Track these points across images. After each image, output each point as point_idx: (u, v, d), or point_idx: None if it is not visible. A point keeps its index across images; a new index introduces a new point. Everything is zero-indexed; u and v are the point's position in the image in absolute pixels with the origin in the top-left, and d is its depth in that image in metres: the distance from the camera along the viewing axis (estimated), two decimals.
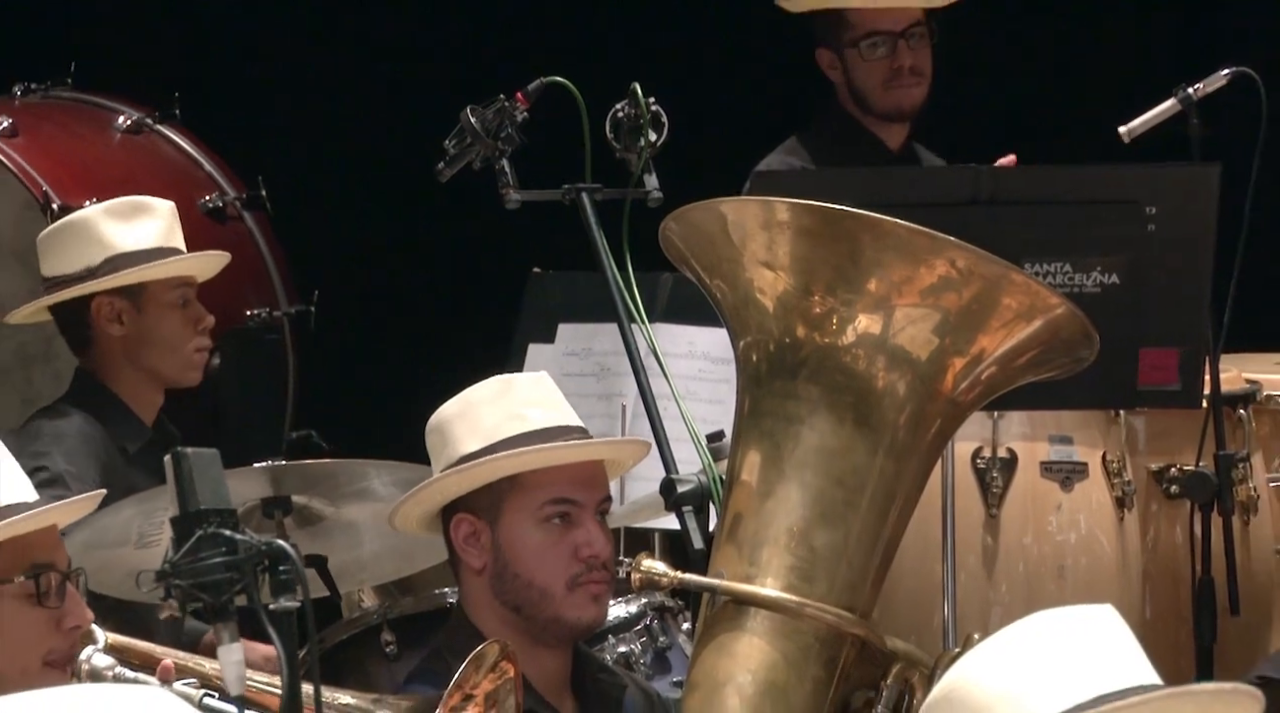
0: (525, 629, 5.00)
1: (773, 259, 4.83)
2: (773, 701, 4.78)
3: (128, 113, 8.46)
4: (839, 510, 4.81)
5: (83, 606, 4.52)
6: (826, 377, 4.82)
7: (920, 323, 4.79)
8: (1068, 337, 4.82)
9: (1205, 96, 6.40)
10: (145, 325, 6.57)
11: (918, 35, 7.31)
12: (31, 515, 4.47)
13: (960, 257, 4.76)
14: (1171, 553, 6.40)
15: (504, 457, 4.99)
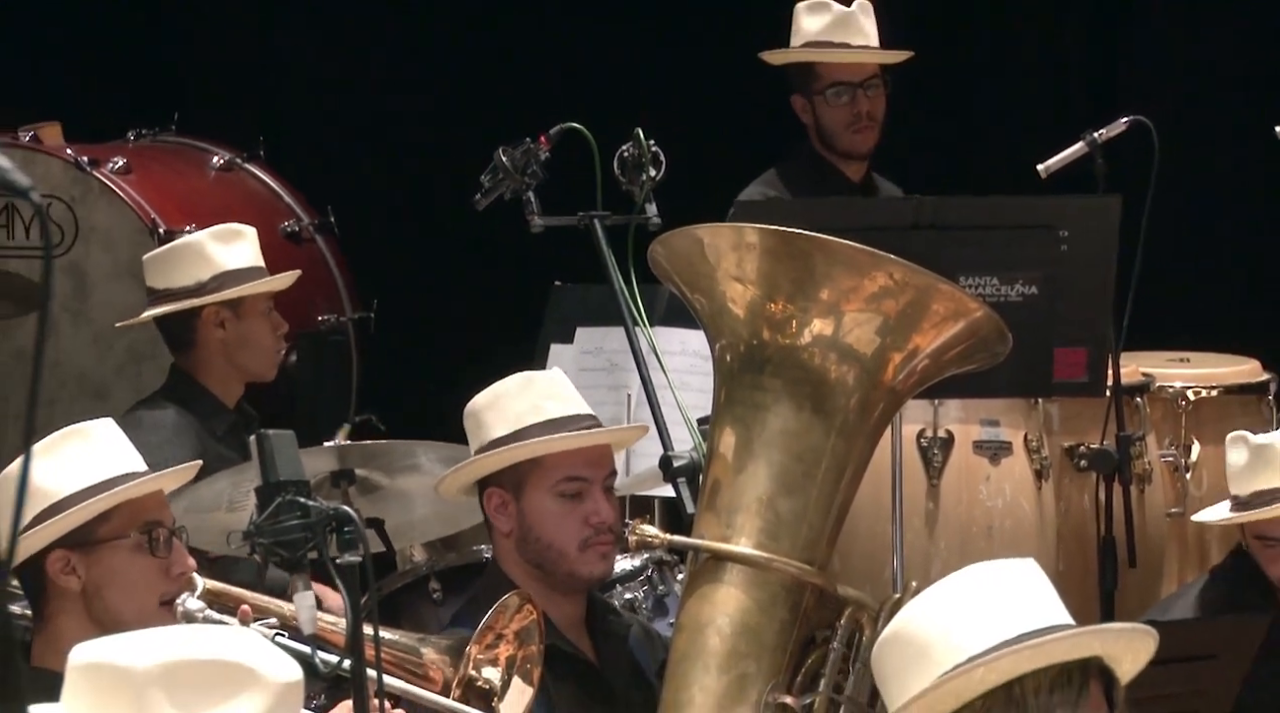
0: (545, 581, 5.00)
1: (742, 274, 4.85)
2: (746, 639, 4.79)
3: (221, 153, 8.43)
4: (799, 482, 4.83)
5: (186, 555, 4.53)
6: (787, 371, 4.84)
7: (865, 325, 4.81)
8: (986, 335, 4.84)
9: (1108, 139, 6.41)
10: (242, 331, 6.57)
11: (874, 86, 7.32)
12: (142, 481, 4.49)
13: (896, 270, 4.78)
14: (1080, 516, 6.38)
15: (527, 443, 4.99)
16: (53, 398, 7.70)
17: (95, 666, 2.89)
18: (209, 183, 8.36)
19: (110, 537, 4.45)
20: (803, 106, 7.41)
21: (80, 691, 2.88)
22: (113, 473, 4.48)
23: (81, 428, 4.57)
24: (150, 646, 2.90)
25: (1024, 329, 5.09)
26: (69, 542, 4.45)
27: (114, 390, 7.74)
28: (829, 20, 7.28)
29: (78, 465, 4.47)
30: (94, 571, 4.46)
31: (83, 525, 4.44)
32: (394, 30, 9.38)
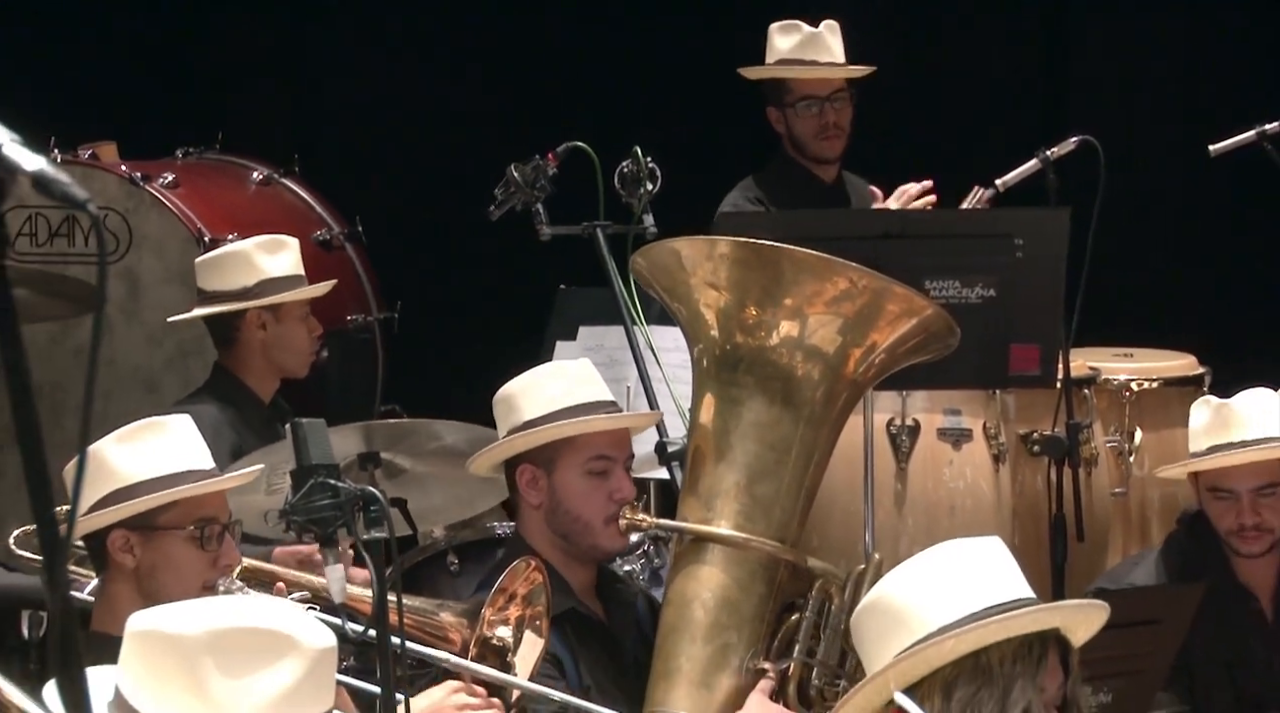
0: (568, 551, 4.97)
1: (716, 281, 4.86)
2: (728, 612, 4.80)
3: (260, 169, 8.43)
4: (772, 468, 4.84)
5: (234, 550, 4.51)
6: (759, 369, 4.85)
7: (827, 326, 4.82)
8: (936, 330, 4.85)
9: (1059, 157, 6.41)
10: (280, 333, 6.56)
11: (840, 99, 7.32)
12: (205, 484, 4.47)
13: (854, 275, 4.80)
14: (1034, 496, 6.37)
15: (562, 424, 4.95)
16: (108, 390, 7.71)
17: (149, 633, 2.89)
18: (249, 196, 8.36)
19: (168, 526, 4.44)
20: (776, 118, 7.42)
21: (136, 656, 2.89)
22: (181, 467, 4.47)
23: (161, 421, 4.57)
24: (200, 615, 2.91)
25: (983, 327, 5.10)
26: (131, 524, 4.45)
27: (163, 383, 7.74)
28: (799, 40, 7.30)
29: (151, 456, 4.46)
30: (149, 553, 4.45)
31: (145, 512, 4.44)
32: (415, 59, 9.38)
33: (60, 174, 1.93)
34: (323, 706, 2.91)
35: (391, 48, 9.45)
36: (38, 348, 7.60)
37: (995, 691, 3.37)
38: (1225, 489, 5.48)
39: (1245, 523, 5.44)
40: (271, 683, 2.86)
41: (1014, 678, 3.38)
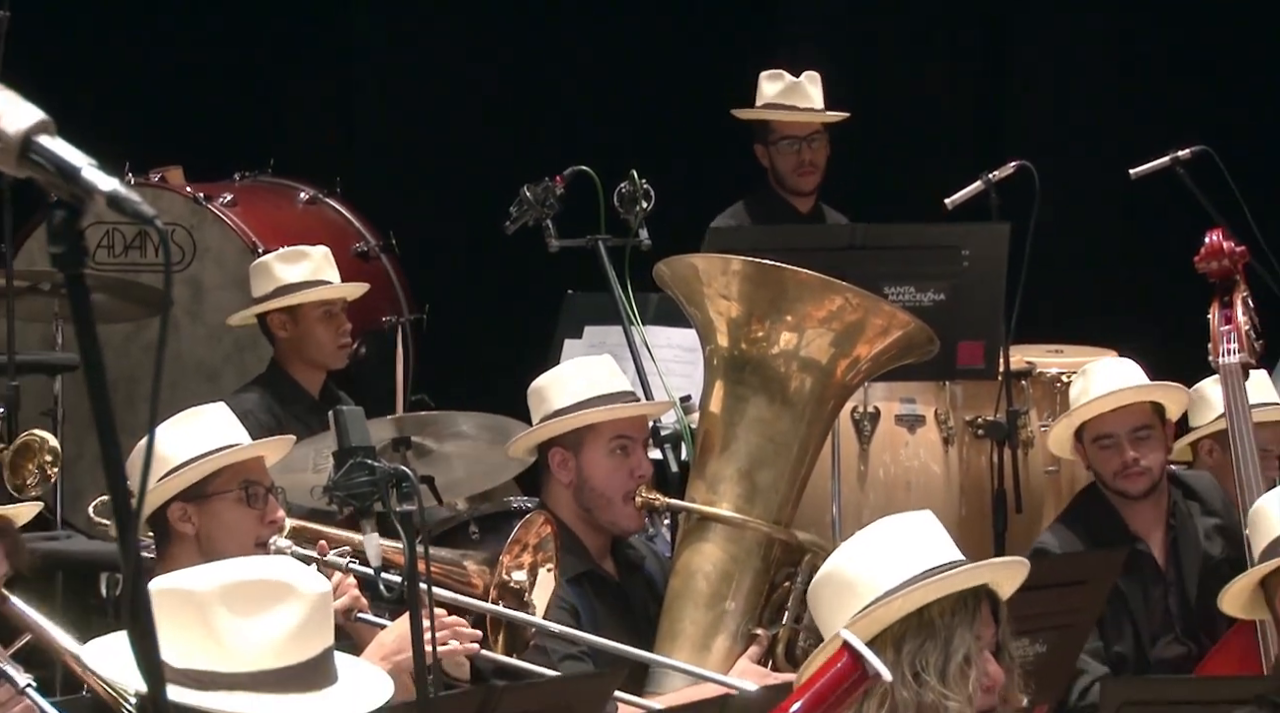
0: (589, 522, 4.93)
1: (728, 294, 4.88)
2: (727, 584, 4.83)
3: (306, 190, 8.42)
4: (770, 459, 4.86)
5: (279, 507, 4.54)
6: (762, 373, 4.88)
7: (821, 338, 4.85)
8: (917, 342, 4.88)
9: (1000, 179, 6.40)
10: (300, 332, 6.55)
11: (817, 140, 7.33)
12: (238, 449, 4.51)
13: (847, 295, 4.83)
14: (978, 474, 6.35)
15: (588, 411, 4.93)
16: (175, 381, 7.71)
17: (168, 591, 2.91)
18: (297, 213, 8.35)
19: (218, 491, 4.46)
20: (762, 153, 7.43)
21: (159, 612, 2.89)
22: (219, 444, 4.49)
23: (197, 410, 4.60)
24: (211, 573, 2.95)
25: (934, 327, 5.10)
26: (186, 496, 4.46)
27: (223, 375, 7.75)
28: (783, 87, 7.32)
29: (192, 438, 4.49)
30: (205, 519, 4.46)
31: (197, 483, 4.45)
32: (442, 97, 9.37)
33: (132, 194, 1.92)
34: (323, 642, 2.92)
35: (422, 87, 9.45)
36: (113, 345, 7.60)
37: (939, 641, 3.37)
38: (1107, 434, 5.51)
39: (1127, 459, 5.47)
40: (277, 624, 2.87)
41: (954, 629, 3.37)
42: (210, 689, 2.85)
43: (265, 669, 2.85)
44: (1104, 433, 5.52)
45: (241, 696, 2.84)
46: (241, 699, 2.84)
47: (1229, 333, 5.39)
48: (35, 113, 1.92)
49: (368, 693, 2.94)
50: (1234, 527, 5.55)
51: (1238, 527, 5.50)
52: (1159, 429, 5.53)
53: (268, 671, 2.85)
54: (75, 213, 1.91)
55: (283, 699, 2.85)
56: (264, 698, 2.85)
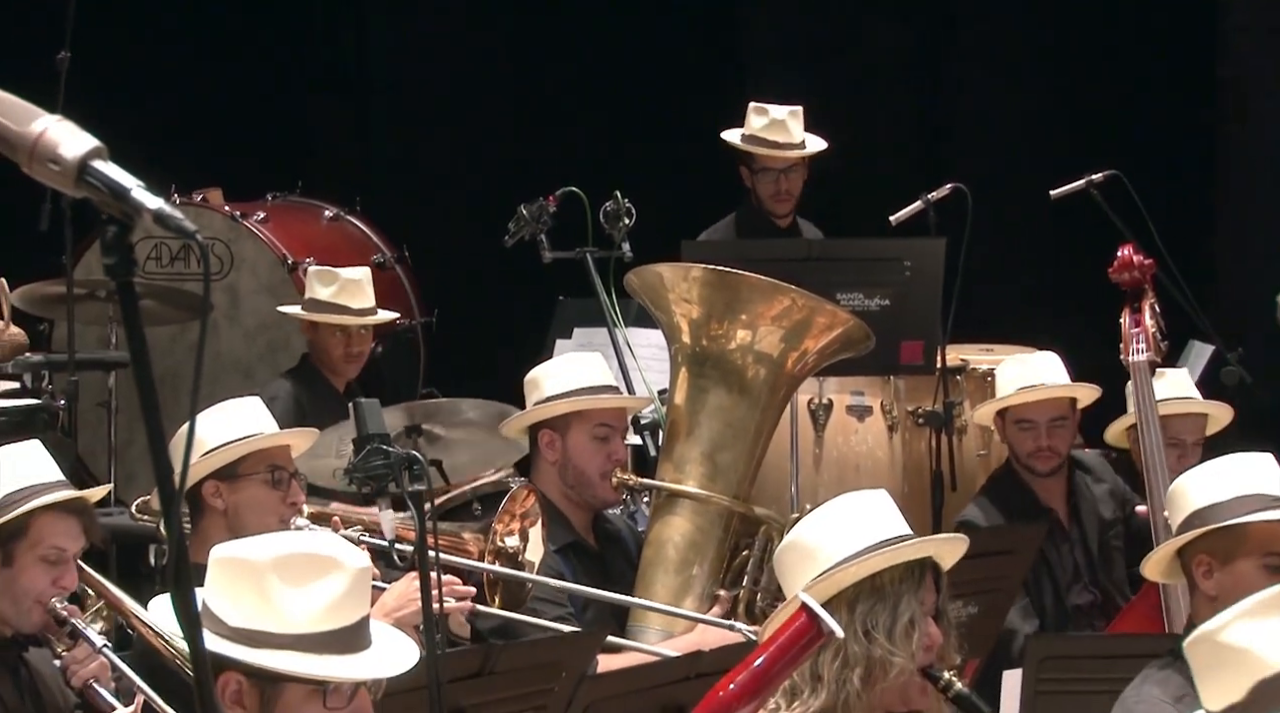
0: (573, 498, 4.94)
1: (689, 298, 4.88)
2: (693, 551, 4.83)
3: (330, 208, 8.41)
4: (730, 441, 4.86)
5: (300, 491, 4.54)
6: (721, 367, 4.88)
7: (772, 335, 4.85)
8: (856, 337, 4.87)
9: (938, 199, 6.41)
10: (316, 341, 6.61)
11: (794, 170, 7.16)
12: (270, 436, 4.51)
13: (794, 296, 4.83)
14: (919, 457, 6.34)
15: (575, 400, 4.93)
16: (214, 376, 7.71)
17: (228, 559, 2.91)
18: (322, 228, 8.35)
19: (247, 473, 4.47)
20: (746, 176, 7.26)
21: (218, 576, 2.90)
22: (251, 431, 4.48)
23: (234, 401, 4.61)
24: (266, 545, 2.95)
25: (880, 328, 5.12)
26: (218, 475, 4.46)
27: (257, 371, 7.75)
28: (767, 122, 7.12)
29: (227, 424, 4.49)
30: (234, 497, 4.46)
31: (229, 464, 4.44)
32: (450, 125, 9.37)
33: (175, 212, 1.92)
34: (362, 610, 2.92)
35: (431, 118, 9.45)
36: (160, 345, 7.59)
37: (888, 604, 3.37)
38: (1028, 420, 5.61)
39: (1042, 445, 5.59)
40: (323, 593, 2.87)
41: (901, 594, 3.37)
42: (261, 647, 2.85)
43: (310, 633, 2.85)
44: (1025, 418, 5.63)
45: (288, 654, 2.84)
46: (288, 658, 2.84)
47: (1138, 335, 5.41)
48: (90, 140, 1.92)
49: (397, 656, 2.94)
50: (1120, 492, 5.78)
51: (1123, 492, 5.77)
52: (1071, 418, 5.67)
53: (312, 634, 2.85)
54: (126, 229, 1.91)
55: (324, 659, 2.85)
56: (308, 658, 2.85)
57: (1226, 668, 2.41)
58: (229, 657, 2.84)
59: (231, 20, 9.29)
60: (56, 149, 1.90)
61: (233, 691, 2.87)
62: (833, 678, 3.33)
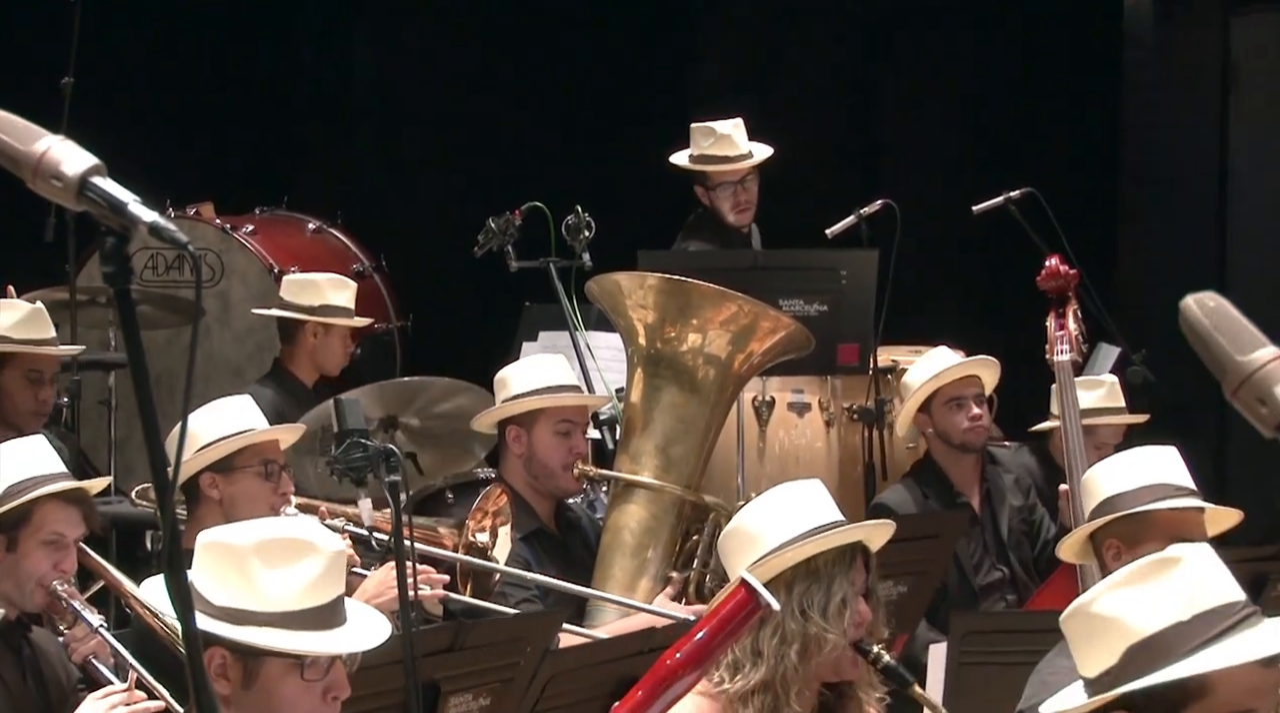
0: (537, 488, 4.93)
1: (645, 304, 4.88)
2: (648, 536, 4.84)
3: (314, 221, 8.40)
4: (682, 436, 4.87)
5: (289, 483, 4.53)
6: (674, 367, 4.88)
7: (721, 338, 4.85)
8: (798, 341, 4.88)
9: (870, 214, 6.43)
10: (326, 344, 6.53)
11: (749, 180, 6.99)
12: (261, 432, 4.49)
13: (740, 302, 4.83)
14: (853, 450, 6.37)
15: (540, 397, 4.93)
16: (208, 376, 7.69)
17: (213, 544, 2.90)
18: (306, 240, 8.32)
19: (242, 465, 4.45)
20: (702, 193, 7.06)
21: (205, 559, 2.90)
22: (246, 426, 4.47)
23: (230, 399, 4.60)
24: (247, 530, 2.94)
25: (818, 332, 5.13)
26: (215, 468, 4.44)
27: (246, 371, 7.72)
28: (714, 140, 6.98)
29: (224, 421, 4.47)
30: (229, 487, 4.45)
31: (225, 457, 4.43)
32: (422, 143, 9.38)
33: (169, 224, 1.91)
34: (337, 590, 2.91)
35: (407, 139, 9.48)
36: (156, 347, 7.56)
37: (822, 585, 3.38)
38: (958, 397, 5.60)
39: (973, 414, 5.58)
40: (301, 574, 2.87)
41: (834, 576, 3.38)
42: (244, 625, 2.85)
43: (289, 610, 2.85)
44: (955, 396, 5.61)
45: (269, 631, 2.84)
46: (269, 634, 2.84)
47: (1062, 337, 5.44)
48: (90, 158, 1.91)
49: (371, 632, 2.94)
50: (1025, 480, 5.81)
51: (1029, 479, 5.81)
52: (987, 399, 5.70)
53: (291, 612, 2.85)
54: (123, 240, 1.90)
55: (302, 635, 2.85)
56: (287, 634, 2.85)
57: (1099, 636, 2.43)
58: (214, 634, 2.83)
59: (224, 47, 9.27)
60: (58, 167, 1.89)
61: (218, 664, 2.86)
62: (772, 653, 3.35)
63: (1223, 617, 2.39)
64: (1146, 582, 2.42)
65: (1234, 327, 1.74)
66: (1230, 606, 2.40)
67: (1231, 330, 1.74)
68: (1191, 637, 2.38)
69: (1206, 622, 2.39)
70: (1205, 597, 2.40)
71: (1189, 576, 2.41)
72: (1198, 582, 2.41)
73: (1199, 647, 2.37)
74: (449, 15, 9.47)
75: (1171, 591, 2.40)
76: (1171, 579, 2.41)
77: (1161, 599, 2.40)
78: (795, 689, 3.35)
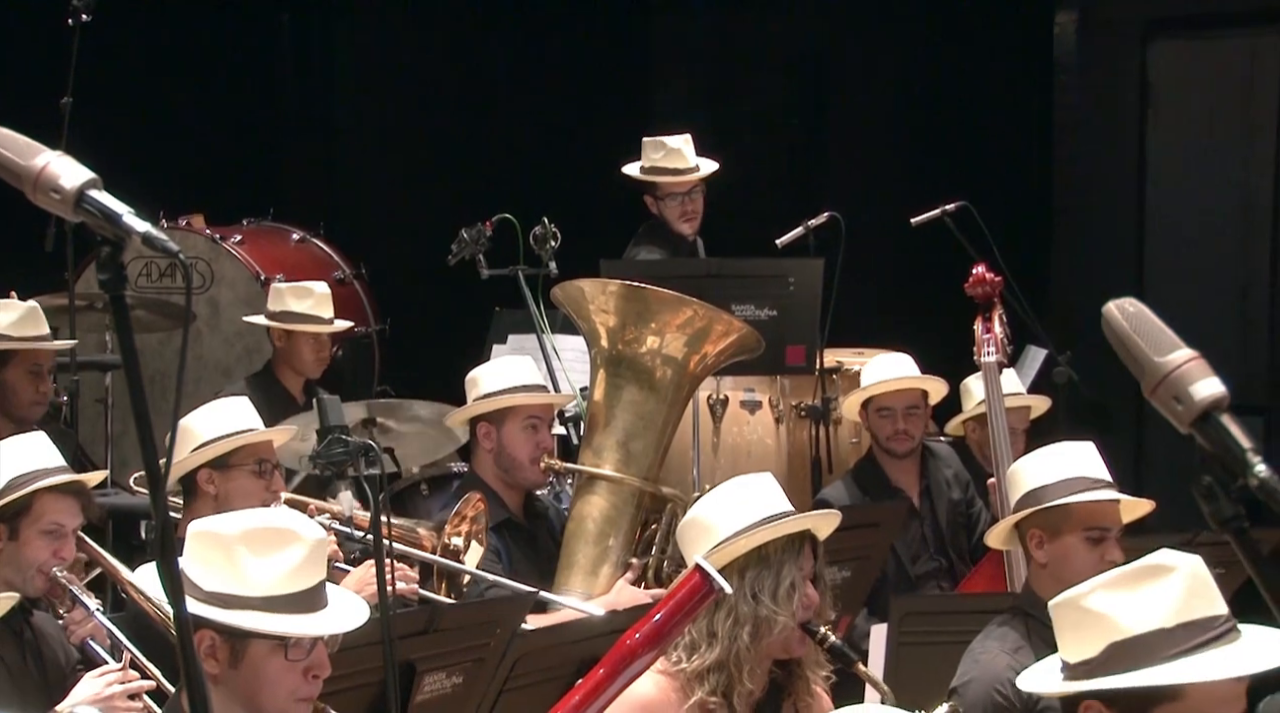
0: (506, 481, 4.92)
1: (607, 309, 4.86)
2: (610, 525, 4.82)
3: (298, 231, 8.36)
4: (641, 431, 4.85)
5: (281, 480, 4.51)
6: (634, 368, 4.86)
7: (677, 340, 4.83)
8: (749, 343, 4.87)
9: (816, 226, 6.43)
10: (290, 347, 6.48)
11: (695, 192, 6.99)
12: (257, 432, 4.47)
13: (695, 307, 4.82)
14: (801, 445, 6.38)
15: (509, 396, 4.92)
16: (199, 377, 7.65)
17: (203, 533, 2.90)
18: (291, 249, 8.29)
19: (237, 463, 4.43)
20: (651, 203, 7.08)
21: (194, 547, 2.89)
22: (242, 427, 4.45)
23: (228, 400, 4.60)
24: (234, 520, 2.93)
25: (768, 335, 5.12)
26: (212, 465, 4.42)
27: (235, 372, 7.68)
28: (664, 153, 6.99)
29: (222, 421, 4.45)
30: (225, 484, 4.43)
31: (222, 455, 4.40)
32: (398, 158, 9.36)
33: (161, 235, 1.91)
34: (318, 576, 2.91)
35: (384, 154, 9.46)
36: (150, 349, 7.53)
37: (772, 570, 3.39)
38: (887, 407, 5.65)
39: (899, 428, 5.63)
40: (284, 561, 2.86)
41: (784, 562, 3.39)
42: (231, 608, 2.84)
43: (274, 595, 2.85)
44: (885, 406, 5.67)
45: (255, 614, 2.84)
46: (254, 617, 2.84)
47: (989, 340, 5.46)
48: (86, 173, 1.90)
49: (350, 614, 2.94)
50: (963, 476, 5.82)
51: (965, 474, 5.82)
52: (923, 409, 5.72)
53: (276, 596, 2.85)
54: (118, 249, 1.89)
55: (285, 618, 2.85)
56: (272, 617, 2.84)
57: (1085, 628, 2.44)
58: (204, 617, 2.82)
59: (214, 68, 9.24)
60: (57, 180, 1.88)
61: (207, 646, 2.86)
62: (726, 634, 3.36)
63: (1204, 629, 2.40)
64: (1138, 586, 2.42)
65: (1152, 330, 1.75)
66: (1213, 619, 2.41)
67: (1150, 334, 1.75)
68: (1172, 645, 2.39)
69: (1188, 632, 2.40)
70: (1190, 608, 2.41)
71: (1178, 586, 2.42)
72: (1186, 593, 2.41)
73: (1176, 655, 2.38)
74: (424, 43, 9.48)
75: (1160, 597, 2.41)
76: (1161, 587, 2.42)
77: (1149, 604, 2.41)
78: (748, 668, 3.36)
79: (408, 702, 3.44)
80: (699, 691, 3.36)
